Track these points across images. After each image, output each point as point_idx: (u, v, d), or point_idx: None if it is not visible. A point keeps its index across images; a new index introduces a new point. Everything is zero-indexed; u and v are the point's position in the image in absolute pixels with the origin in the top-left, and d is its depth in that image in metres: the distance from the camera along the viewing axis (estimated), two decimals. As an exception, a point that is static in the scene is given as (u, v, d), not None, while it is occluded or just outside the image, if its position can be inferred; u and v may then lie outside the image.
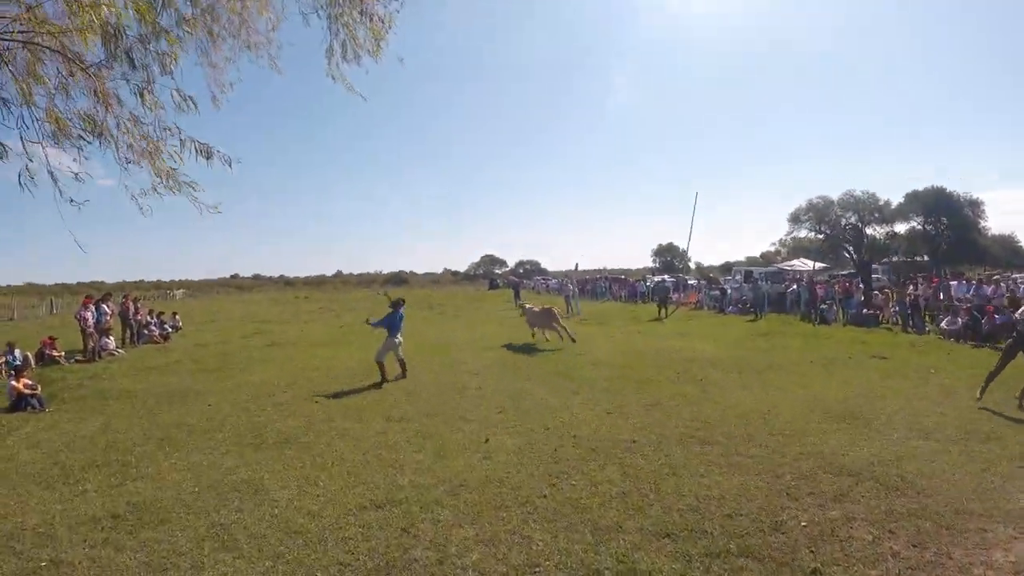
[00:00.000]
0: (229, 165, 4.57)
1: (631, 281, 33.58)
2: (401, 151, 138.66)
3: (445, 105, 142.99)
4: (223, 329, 19.67)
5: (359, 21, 4.83)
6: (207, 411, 7.58)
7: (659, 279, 30.83)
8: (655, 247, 69.61)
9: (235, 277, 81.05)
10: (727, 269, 52.62)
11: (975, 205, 46.61)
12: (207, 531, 4.03)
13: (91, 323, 12.49)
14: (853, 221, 49.55)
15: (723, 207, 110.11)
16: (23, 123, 3.93)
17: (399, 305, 9.34)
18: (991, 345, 11.26)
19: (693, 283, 29.50)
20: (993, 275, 23.98)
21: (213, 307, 34.76)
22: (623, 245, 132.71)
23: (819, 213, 49.47)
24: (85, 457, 5.79)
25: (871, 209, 48.82)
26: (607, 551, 3.56)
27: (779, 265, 29.91)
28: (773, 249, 55.42)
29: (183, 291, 57.56)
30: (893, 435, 5.62)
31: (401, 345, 9.35)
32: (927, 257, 47.15)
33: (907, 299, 15.32)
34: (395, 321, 9.13)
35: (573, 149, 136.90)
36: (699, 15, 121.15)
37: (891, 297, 16.26)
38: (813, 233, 50.28)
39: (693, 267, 43.23)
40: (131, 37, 3.97)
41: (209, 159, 4.49)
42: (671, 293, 22.81)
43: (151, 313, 17.33)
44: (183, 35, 4.29)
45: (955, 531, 3.70)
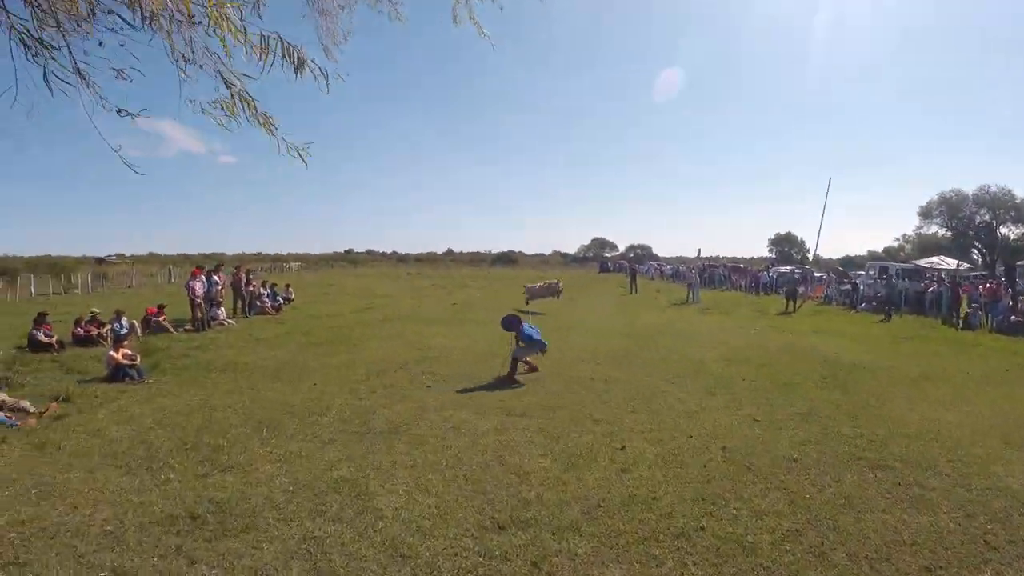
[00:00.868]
0: (325, 79, 3.45)
1: (753, 270, 30.74)
2: (526, 127, 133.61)
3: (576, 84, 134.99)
4: (336, 302, 19.08)
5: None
6: (312, 391, 6.92)
7: (786, 270, 28.65)
8: (772, 236, 64.27)
9: (349, 252, 78.88)
10: (847, 262, 49.19)
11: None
12: (297, 546, 3.31)
13: (199, 293, 12.44)
14: (987, 219, 43.39)
15: (845, 199, 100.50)
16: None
17: (516, 326, 7.91)
18: None
19: (821, 276, 27.25)
20: None
21: (327, 280, 33.74)
22: (735, 233, 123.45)
23: (952, 208, 43.95)
24: (175, 438, 5.11)
25: (1007, 207, 42.25)
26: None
27: (917, 262, 25.98)
28: (897, 244, 51.26)
29: (299, 264, 56.64)
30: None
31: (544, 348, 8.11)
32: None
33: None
34: (531, 332, 7.92)
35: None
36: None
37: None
38: (944, 229, 44.99)
39: (811, 259, 38.96)
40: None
41: (299, 70, 3.38)
42: (799, 286, 20.91)
43: (264, 284, 17.04)
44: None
45: None
